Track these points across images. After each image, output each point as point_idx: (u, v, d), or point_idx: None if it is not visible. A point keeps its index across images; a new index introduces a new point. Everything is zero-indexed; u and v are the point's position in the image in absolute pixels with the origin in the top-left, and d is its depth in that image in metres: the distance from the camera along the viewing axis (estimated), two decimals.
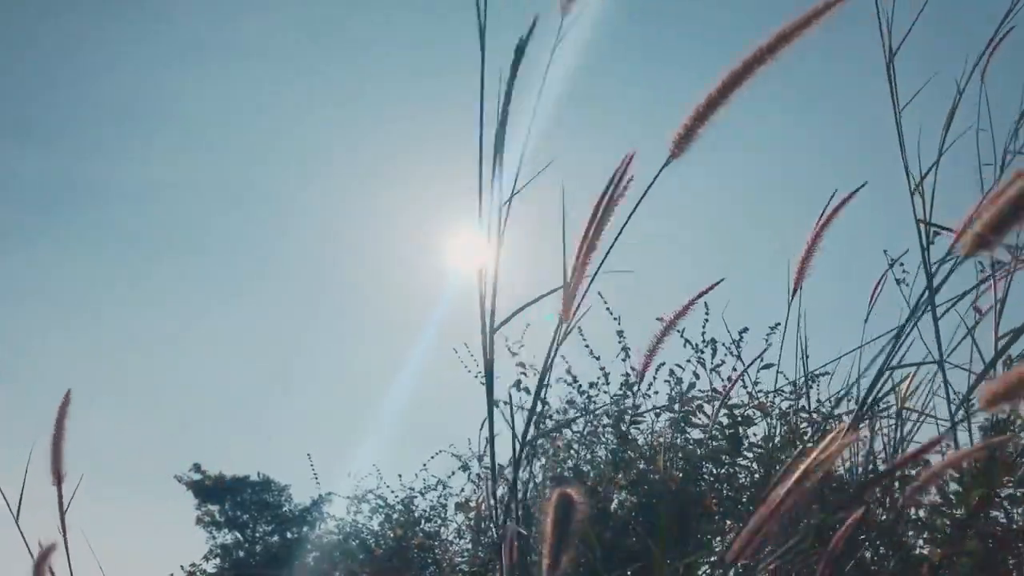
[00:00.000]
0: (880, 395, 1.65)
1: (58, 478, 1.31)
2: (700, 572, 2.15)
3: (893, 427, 1.98)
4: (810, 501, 2.01)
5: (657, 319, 2.37)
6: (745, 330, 2.59)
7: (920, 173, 1.56)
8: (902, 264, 2.19)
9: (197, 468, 18.77)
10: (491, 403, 1.02)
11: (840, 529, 1.15)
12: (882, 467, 1.97)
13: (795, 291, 1.66)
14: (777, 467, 1.80)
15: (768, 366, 2.41)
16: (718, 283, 1.55)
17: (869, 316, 1.94)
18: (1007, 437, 1.37)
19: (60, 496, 1.32)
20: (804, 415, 2.08)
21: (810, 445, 2.05)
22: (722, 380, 2.53)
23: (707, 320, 2.67)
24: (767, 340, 2.48)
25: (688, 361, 2.71)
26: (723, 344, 2.59)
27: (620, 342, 2.91)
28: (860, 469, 2.01)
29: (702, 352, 2.69)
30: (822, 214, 1.55)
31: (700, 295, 1.54)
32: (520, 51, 1.08)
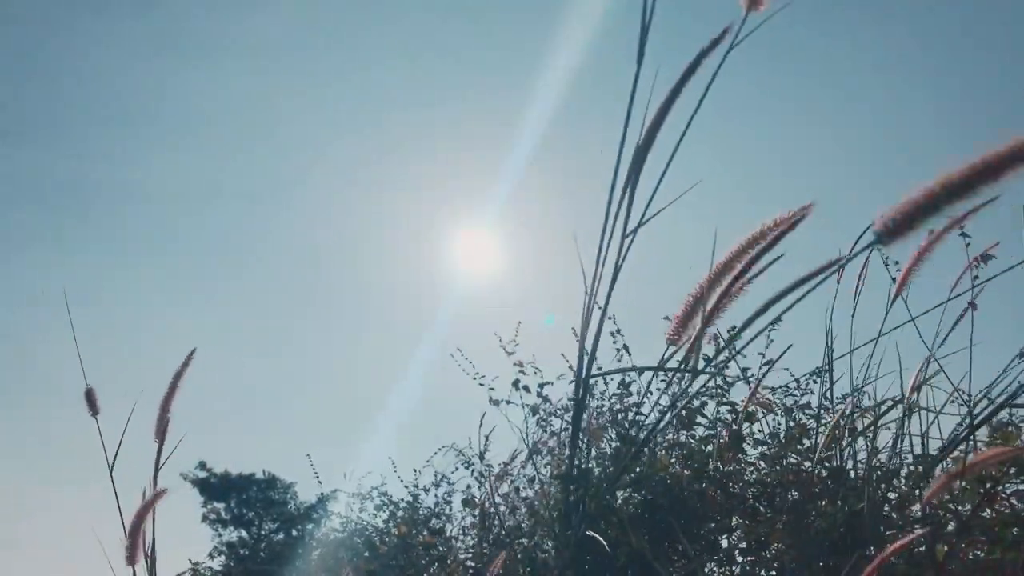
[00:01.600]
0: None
1: (161, 436, 1.34)
2: (706, 570, 2.15)
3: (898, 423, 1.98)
4: (818, 496, 2.00)
5: (665, 317, 2.36)
6: (733, 328, 2.57)
7: None
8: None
9: (203, 466, 18.85)
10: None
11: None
12: (888, 463, 1.97)
13: (895, 298, 1.63)
14: (784, 463, 1.80)
15: (769, 363, 2.40)
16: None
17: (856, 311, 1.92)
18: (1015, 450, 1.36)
19: (159, 452, 1.35)
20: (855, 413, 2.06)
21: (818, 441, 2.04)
22: (723, 376, 2.51)
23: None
24: (769, 336, 2.46)
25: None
26: (721, 340, 2.57)
27: (615, 342, 2.89)
28: (864, 465, 2.00)
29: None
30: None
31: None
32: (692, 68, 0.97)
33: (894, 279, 2.17)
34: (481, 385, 3.10)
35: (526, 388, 2.93)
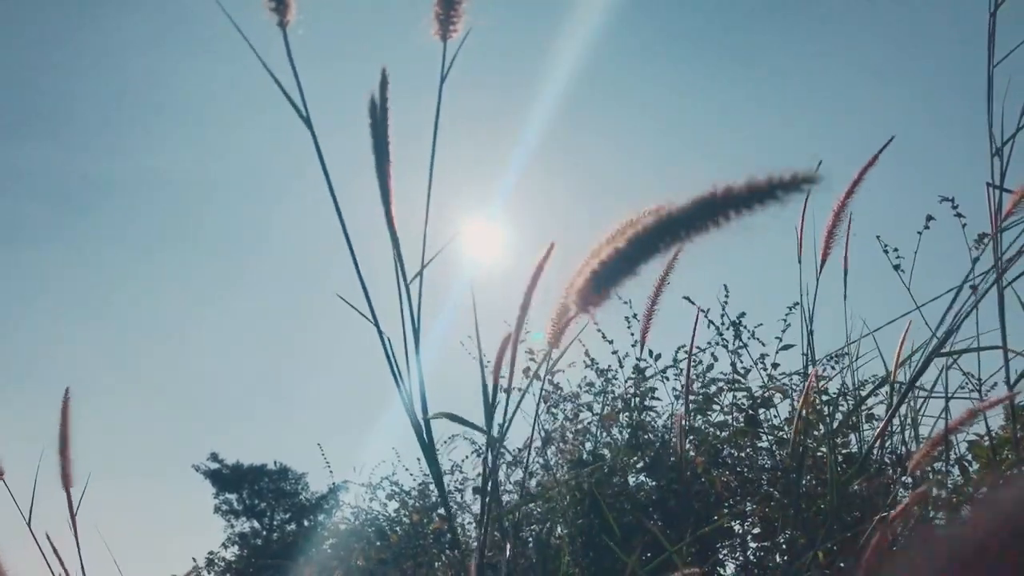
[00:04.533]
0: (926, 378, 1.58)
1: (67, 484, 1.31)
2: (720, 555, 2.14)
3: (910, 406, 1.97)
4: (825, 480, 1.99)
5: (685, 298, 2.34)
6: (743, 314, 2.56)
7: (1003, 136, 1.43)
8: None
9: (215, 457, 18.96)
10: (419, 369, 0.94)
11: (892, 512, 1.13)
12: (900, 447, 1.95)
13: (822, 265, 1.57)
14: (801, 449, 1.79)
15: (787, 347, 2.38)
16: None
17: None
18: None
19: (70, 501, 1.32)
20: (828, 396, 2.05)
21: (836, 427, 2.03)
22: (740, 363, 2.50)
23: (727, 302, 2.63)
24: (786, 320, 2.44)
25: (709, 344, 2.68)
26: (745, 327, 2.55)
27: (628, 327, 2.87)
28: (877, 447, 1.99)
29: (722, 334, 2.65)
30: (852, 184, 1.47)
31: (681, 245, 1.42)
32: (378, 112, 0.93)
33: (896, 266, 2.16)
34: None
35: (537, 375, 2.91)
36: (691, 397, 2.54)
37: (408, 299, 0.94)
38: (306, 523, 17.95)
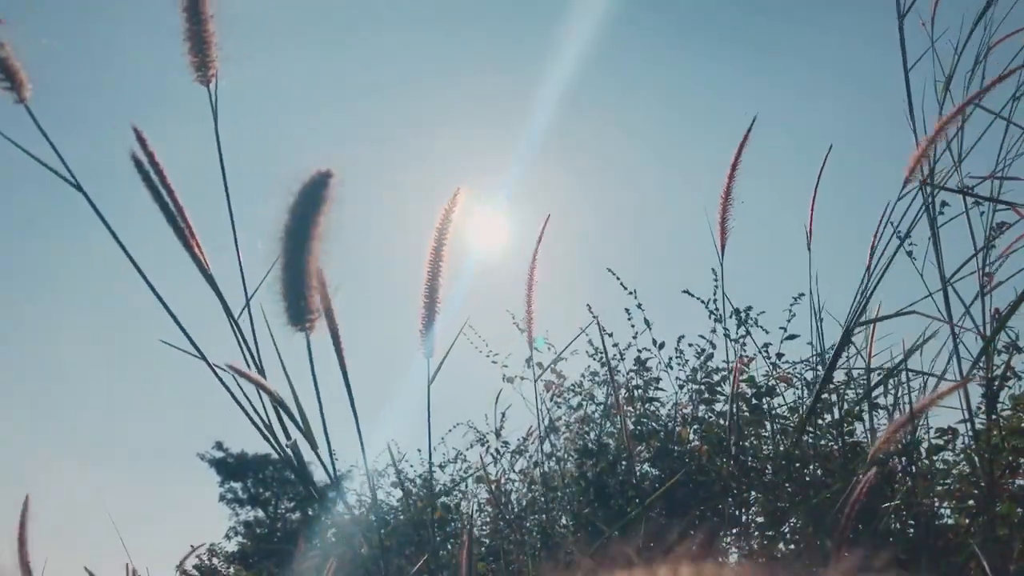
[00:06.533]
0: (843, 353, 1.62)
1: (26, 570, 1.40)
2: (724, 544, 2.14)
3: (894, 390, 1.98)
4: (835, 471, 1.99)
5: (684, 292, 2.33)
6: (749, 308, 2.56)
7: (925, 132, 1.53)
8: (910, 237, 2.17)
9: (220, 446, 19.04)
10: None
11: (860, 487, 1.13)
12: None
13: (723, 249, 1.55)
14: (806, 438, 1.79)
15: (792, 337, 2.38)
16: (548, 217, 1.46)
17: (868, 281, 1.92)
18: None
19: None
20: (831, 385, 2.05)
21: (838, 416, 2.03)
22: (744, 351, 2.50)
23: (716, 287, 2.62)
24: (791, 310, 2.44)
25: (713, 331, 2.68)
26: (746, 314, 2.55)
27: (629, 318, 2.86)
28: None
29: (721, 321, 2.65)
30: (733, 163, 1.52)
31: (541, 234, 1.46)
32: (147, 167, 0.92)
33: (908, 252, 2.16)
34: (494, 363, 3.09)
35: (540, 365, 2.91)
36: (694, 386, 2.54)
37: (239, 333, 0.94)
38: (310, 512, 18.04)
